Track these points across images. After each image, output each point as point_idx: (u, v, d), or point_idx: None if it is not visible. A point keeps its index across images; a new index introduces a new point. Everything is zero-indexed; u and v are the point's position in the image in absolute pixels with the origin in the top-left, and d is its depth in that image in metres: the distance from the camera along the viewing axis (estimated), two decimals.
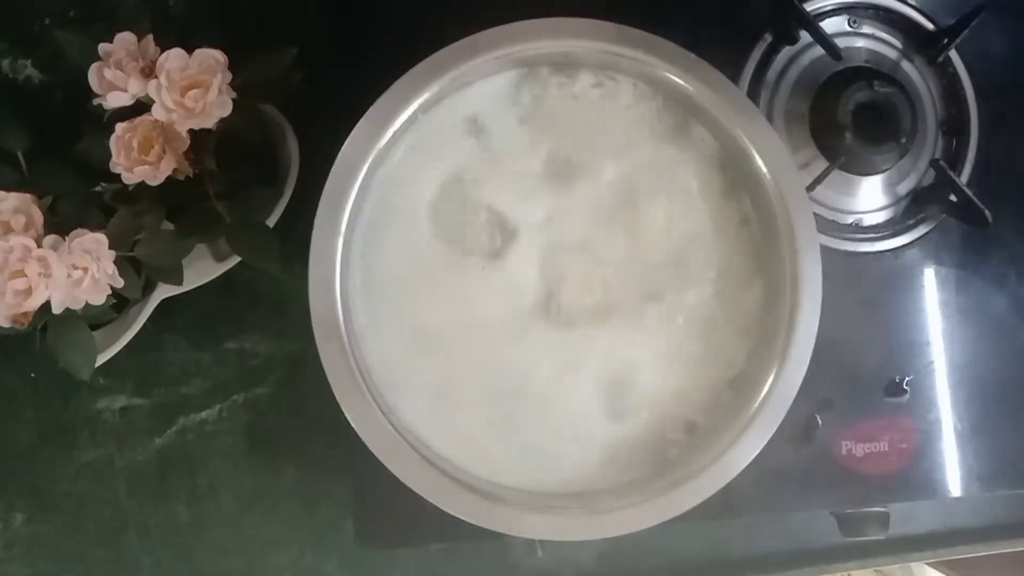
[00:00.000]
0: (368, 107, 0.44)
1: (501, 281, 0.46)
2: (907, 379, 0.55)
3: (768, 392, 0.44)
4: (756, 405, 0.44)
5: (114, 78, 0.43)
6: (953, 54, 0.59)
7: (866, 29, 0.59)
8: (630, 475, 0.45)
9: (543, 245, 0.46)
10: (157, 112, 0.43)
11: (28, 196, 0.43)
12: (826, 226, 0.56)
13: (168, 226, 0.49)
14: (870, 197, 0.57)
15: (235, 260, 0.52)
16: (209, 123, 0.44)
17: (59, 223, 0.44)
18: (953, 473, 0.56)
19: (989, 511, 0.64)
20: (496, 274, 0.46)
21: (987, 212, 0.54)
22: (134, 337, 0.51)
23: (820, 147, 0.55)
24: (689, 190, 0.48)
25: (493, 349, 0.46)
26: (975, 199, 0.55)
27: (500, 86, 0.47)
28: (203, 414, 0.55)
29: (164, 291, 0.51)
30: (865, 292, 0.56)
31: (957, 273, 0.57)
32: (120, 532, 0.55)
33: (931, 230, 0.58)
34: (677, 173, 0.48)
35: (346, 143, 0.44)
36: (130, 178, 0.44)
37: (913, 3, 0.59)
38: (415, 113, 0.45)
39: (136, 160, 0.44)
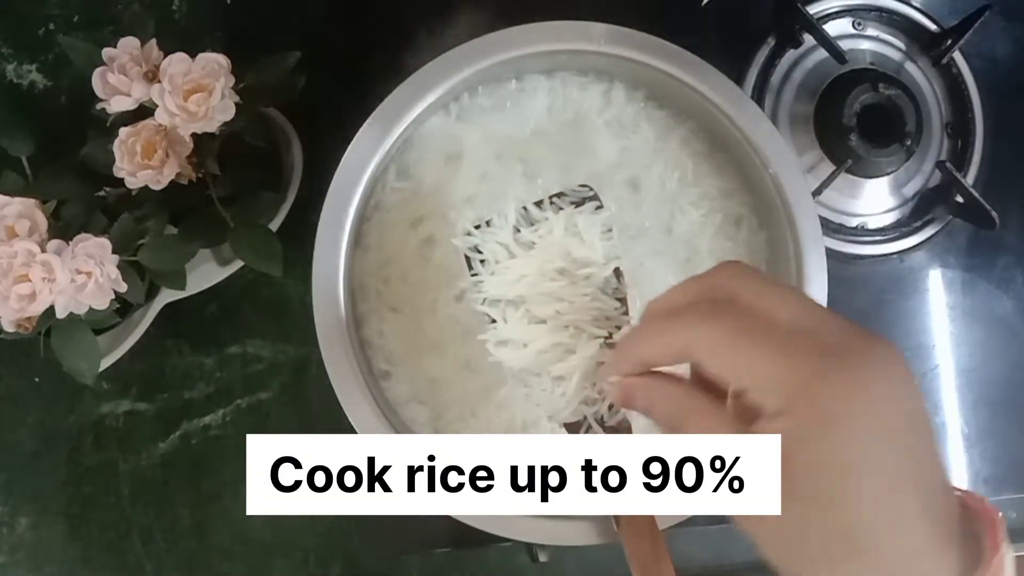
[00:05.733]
0: (372, 110, 0.44)
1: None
2: None
3: None
4: None
5: (118, 83, 0.43)
6: (957, 55, 0.59)
7: (870, 31, 0.59)
8: None
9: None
10: (160, 116, 0.43)
11: (32, 201, 0.43)
12: (832, 228, 0.56)
13: (171, 230, 0.49)
14: (876, 199, 0.57)
15: (238, 264, 0.52)
16: (212, 127, 0.44)
17: (63, 228, 0.44)
18: (960, 476, 0.55)
19: None
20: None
21: (994, 213, 0.54)
22: (137, 342, 0.51)
23: (825, 150, 0.55)
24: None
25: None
26: (982, 200, 0.55)
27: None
28: (207, 419, 0.55)
29: (167, 296, 0.51)
30: (871, 295, 0.56)
31: (963, 275, 0.57)
32: (124, 537, 0.54)
33: (937, 232, 0.57)
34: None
35: (350, 146, 0.43)
36: (133, 183, 0.44)
37: (916, 4, 0.59)
38: (420, 116, 0.45)
39: (139, 164, 0.44)
